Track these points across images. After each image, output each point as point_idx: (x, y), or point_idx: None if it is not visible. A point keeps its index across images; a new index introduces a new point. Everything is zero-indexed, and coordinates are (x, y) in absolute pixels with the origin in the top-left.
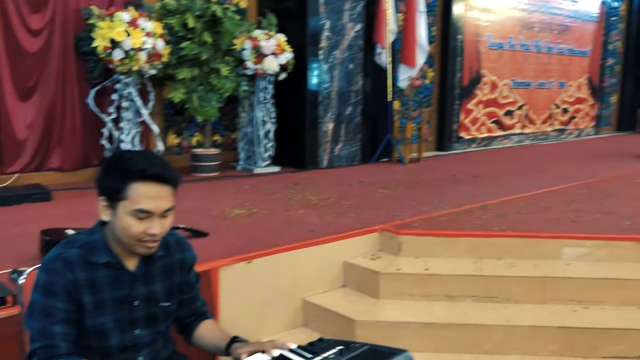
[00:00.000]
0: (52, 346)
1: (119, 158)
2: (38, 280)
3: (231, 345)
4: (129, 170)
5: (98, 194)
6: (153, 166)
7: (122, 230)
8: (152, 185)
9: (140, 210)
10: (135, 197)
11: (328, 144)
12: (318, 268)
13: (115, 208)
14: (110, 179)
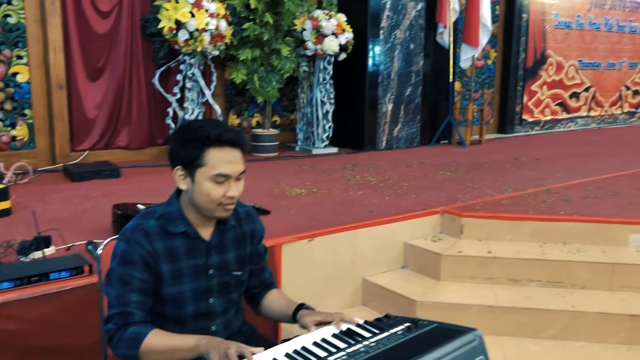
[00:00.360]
0: (127, 313)
1: (190, 128)
2: (117, 250)
3: (298, 312)
4: (205, 138)
5: (173, 165)
6: (227, 132)
7: (203, 196)
8: (227, 150)
9: (219, 175)
10: (213, 162)
11: (387, 125)
12: (378, 248)
13: (194, 176)
14: (186, 148)
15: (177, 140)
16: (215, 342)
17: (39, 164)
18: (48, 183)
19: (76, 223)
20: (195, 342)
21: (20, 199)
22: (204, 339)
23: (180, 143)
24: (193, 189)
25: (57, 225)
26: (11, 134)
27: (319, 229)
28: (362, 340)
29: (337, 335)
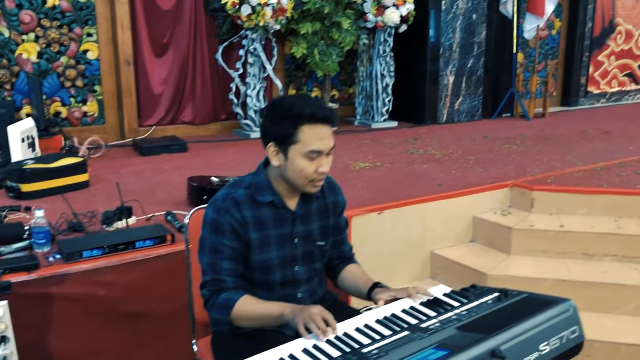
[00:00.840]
0: (220, 280)
1: (283, 105)
2: (207, 218)
3: (373, 289)
4: (299, 115)
5: (266, 142)
6: (320, 109)
7: (296, 172)
8: (320, 127)
9: (312, 151)
10: (306, 139)
11: (448, 98)
12: (446, 222)
13: (287, 152)
14: (280, 125)
15: (270, 118)
16: (299, 309)
17: (109, 139)
18: (119, 157)
19: (152, 195)
20: (281, 310)
21: (96, 172)
22: (288, 307)
23: (273, 120)
24: (286, 165)
25: (133, 197)
26: (82, 110)
27: (388, 202)
28: (451, 309)
29: (425, 304)
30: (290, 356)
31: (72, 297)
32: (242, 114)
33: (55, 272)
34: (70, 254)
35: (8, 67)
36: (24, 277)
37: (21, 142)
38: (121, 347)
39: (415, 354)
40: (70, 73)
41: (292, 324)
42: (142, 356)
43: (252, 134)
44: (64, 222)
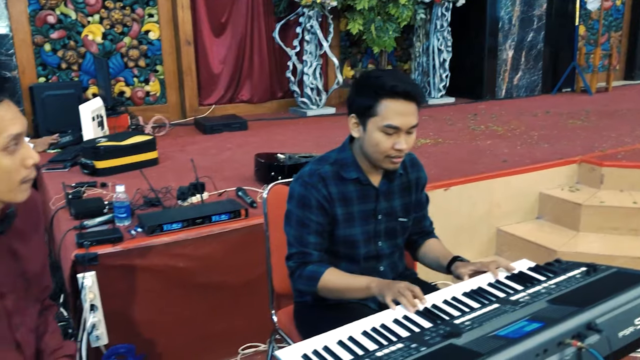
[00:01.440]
0: (306, 253)
1: (369, 77)
2: (294, 193)
3: (453, 263)
4: (380, 88)
5: (349, 112)
6: (403, 83)
7: (371, 146)
8: (401, 102)
9: (389, 126)
10: (385, 113)
11: (507, 73)
12: (513, 198)
13: (366, 124)
14: (362, 96)
15: (354, 88)
16: (386, 283)
17: (171, 118)
18: (183, 135)
19: (219, 172)
20: (367, 283)
21: (162, 150)
22: (374, 281)
23: (356, 91)
24: (364, 137)
25: (200, 174)
26: (145, 89)
27: (454, 179)
28: (539, 283)
29: (511, 278)
30: (382, 326)
31: (153, 268)
32: (298, 92)
33: (138, 245)
34: (151, 228)
35: (75, 48)
36: (109, 249)
37: (92, 121)
38: (200, 317)
39: (508, 326)
40: (133, 53)
41: (380, 297)
42: (220, 326)
43: (308, 112)
44: (140, 197)
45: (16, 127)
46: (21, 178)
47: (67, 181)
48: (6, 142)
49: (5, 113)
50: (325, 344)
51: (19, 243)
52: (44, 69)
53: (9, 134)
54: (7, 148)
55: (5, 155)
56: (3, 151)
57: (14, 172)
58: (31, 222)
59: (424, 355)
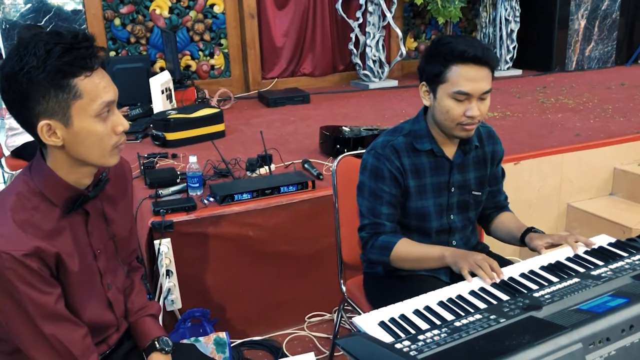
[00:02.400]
0: (378, 224)
1: (439, 42)
2: (367, 164)
3: (527, 234)
4: (449, 53)
5: (420, 80)
6: (472, 48)
7: (442, 114)
8: (471, 67)
9: (459, 92)
10: (454, 79)
11: (578, 44)
12: (585, 173)
13: (436, 92)
14: (431, 63)
15: (425, 55)
16: (462, 253)
17: (235, 91)
18: (247, 108)
19: (285, 144)
20: (441, 252)
21: (228, 122)
22: (448, 250)
23: (426, 58)
24: (434, 105)
25: (266, 146)
26: (210, 63)
27: (524, 153)
28: (622, 259)
29: (590, 253)
30: (458, 297)
31: (225, 236)
32: (360, 65)
33: (211, 214)
34: (223, 197)
35: (143, 22)
36: (184, 217)
37: (161, 94)
38: (268, 286)
39: (591, 300)
40: (199, 27)
41: (455, 268)
42: (287, 295)
43: (370, 85)
44: (211, 168)
45: (109, 94)
46: (113, 143)
47: (139, 152)
48: (100, 108)
49: (100, 81)
50: (402, 313)
51: (109, 207)
52: (114, 43)
53: (102, 100)
54: (100, 114)
55: (99, 121)
56: (96, 117)
57: (106, 138)
58: (120, 188)
59: (505, 326)
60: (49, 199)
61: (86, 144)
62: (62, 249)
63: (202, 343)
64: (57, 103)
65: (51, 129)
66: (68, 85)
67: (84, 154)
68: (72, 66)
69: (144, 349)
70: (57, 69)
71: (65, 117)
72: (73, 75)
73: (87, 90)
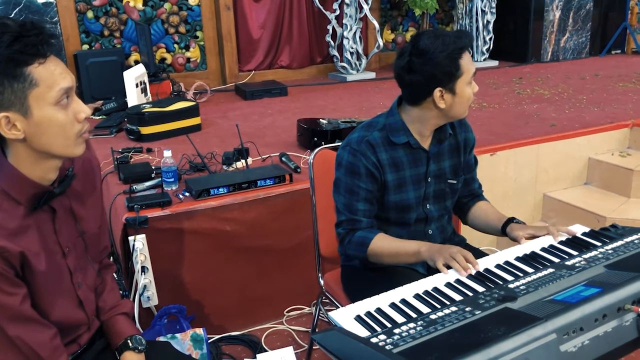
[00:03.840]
0: (355, 220)
1: (435, 47)
2: (342, 160)
3: (508, 225)
4: (457, 48)
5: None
6: (465, 36)
7: (463, 104)
8: (467, 52)
9: (473, 75)
10: (466, 67)
11: (553, 35)
12: (561, 163)
13: (455, 89)
14: (443, 65)
15: (428, 65)
16: (437, 248)
17: (211, 84)
18: (224, 101)
19: (262, 137)
20: (417, 248)
21: (205, 116)
22: (424, 245)
23: (435, 64)
24: (453, 102)
25: (243, 139)
26: (186, 56)
27: (501, 143)
28: (595, 248)
29: (565, 243)
30: (434, 289)
31: (201, 231)
32: (338, 57)
33: (186, 209)
34: (199, 192)
35: (117, 15)
36: (159, 212)
37: (136, 88)
38: (246, 280)
39: (565, 291)
40: (174, 19)
41: (430, 262)
42: (265, 289)
43: (348, 77)
44: (186, 162)
45: (66, 80)
46: (76, 132)
47: (113, 147)
48: (58, 95)
49: (55, 67)
50: (378, 306)
51: (77, 204)
52: (87, 37)
53: (60, 87)
54: (59, 102)
55: (59, 109)
56: (56, 105)
57: (68, 126)
58: (88, 184)
59: (480, 318)
60: (12, 197)
61: (49, 134)
62: (27, 247)
63: (179, 340)
64: (13, 93)
65: (10, 122)
66: (22, 74)
67: (48, 145)
68: (23, 54)
69: (117, 348)
70: (7, 58)
71: (23, 108)
72: (25, 63)
73: (42, 78)
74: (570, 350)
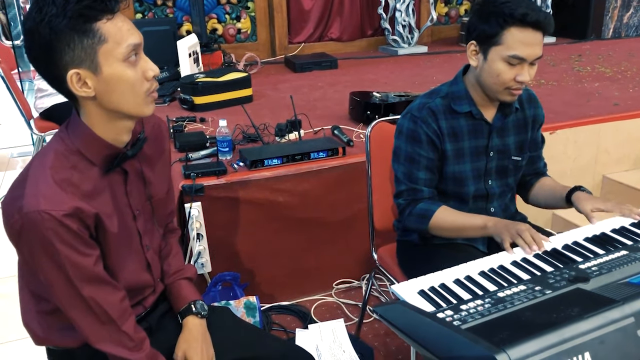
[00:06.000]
0: (416, 190)
1: (495, 1)
2: (403, 128)
3: (574, 193)
4: (510, 15)
5: (468, 39)
6: (534, 12)
7: (491, 77)
8: (529, 32)
9: (514, 57)
10: (511, 42)
11: (616, 11)
12: (623, 144)
13: (487, 53)
14: (486, 22)
15: (478, 13)
16: (505, 224)
17: (261, 56)
18: (274, 73)
19: (313, 110)
20: (483, 222)
21: (256, 87)
22: (492, 220)
23: (481, 16)
24: (483, 67)
25: (296, 112)
26: (237, 27)
27: (560, 122)
28: None
29: (637, 225)
30: (500, 267)
31: (255, 201)
32: (389, 30)
33: (241, 178)
34: (253, 162)
35: None
36: (214, 181)
37: (188, 58)
38: (297, 251)
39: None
40: None
41: (497, 238)
42: (316, 261)
43: (400, 51)
44: (240, 132)
45: (134, 37)
46: (145, 90)
47: (168, 115)
48: (127, 51)
49: (122, 24)
50: (442, 282)
51: (147, 168)
52: (141, 5)
53: (128, 43)
54: (128, 58)
55: (128, 66)
56: (125, 62)
57: (137, 83)
58: (157, 148)
59: (551, 298)
60: (87, 158)
61: (118, 91)
62: (102, 209)
63: (233, 306)
64: (83, 50)
65: (81, 79)
66: (91, 29)
67: (118, 102)
68: (92, 9)
69: (180, 312)
70: (78, 14)
71: (93, 64)
72: (95, 18)
73: (111, 34)
74: None
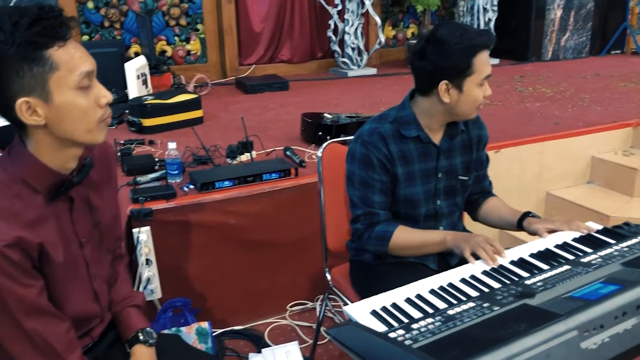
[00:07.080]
0: (372, 213)
1: (452, 38)
2: (355, 153)
3: (524, 218)
4: (473, 45)
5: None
6: (486, 34)
7: (469, 104)
8: (485, 52)
9: (485, 78)
10: (479, 67)
11: (554, 34)
12: (564, 162)
13: (462, 86)
14: (453, 59)
15: (439, 54)
16: (463, 236)
17: (211, 77)
18: (225, 95)
19: (265, 131)
20: (442, 237)
21: (206, 109)
22: (450, 234)
23: (443, 56)
24: (459, 99)
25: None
26: (186, 48)
27: (505, 141)
28: (610, 246)
29: (578, 241)
30: (449, 285)
31: (205, 224)
32: (339, 52)
33: (191, 201)
34: (204, 184)
35: (117, 6)
36: (163, 205)
37: (137, 79)
38: (250, 274)
39: (583, 288)
40: (175, 12)
41: (457, 250)
42: (269, 283)
43: (349, 72)
44: (190, 154)
45: (87, 64)
46: (98, 117)
47: (115, 138)
48: (79, 79)
49: (74, 51)
50: (393, 301)
51: (94, 194)
52: (87, 27)
53: (80, 70)
54: (80, 86)
55: (80, 94)
56: (77, 90)
57: (90, 111)
58: (104, 174)
59: (499, 314)
60: (31, 186)
61: (70, 119)
62: (46, 238)
63: (184, 333)
64: (33, 78)
65: (30, 107)
66: (42, 57)
67: (70, 131)
68: (42, 36)
69: (127, 341)
70: (27, 41)
71: (44, 92)
72: (45, 46)
73: (63, 61)
74: (591, 348)
